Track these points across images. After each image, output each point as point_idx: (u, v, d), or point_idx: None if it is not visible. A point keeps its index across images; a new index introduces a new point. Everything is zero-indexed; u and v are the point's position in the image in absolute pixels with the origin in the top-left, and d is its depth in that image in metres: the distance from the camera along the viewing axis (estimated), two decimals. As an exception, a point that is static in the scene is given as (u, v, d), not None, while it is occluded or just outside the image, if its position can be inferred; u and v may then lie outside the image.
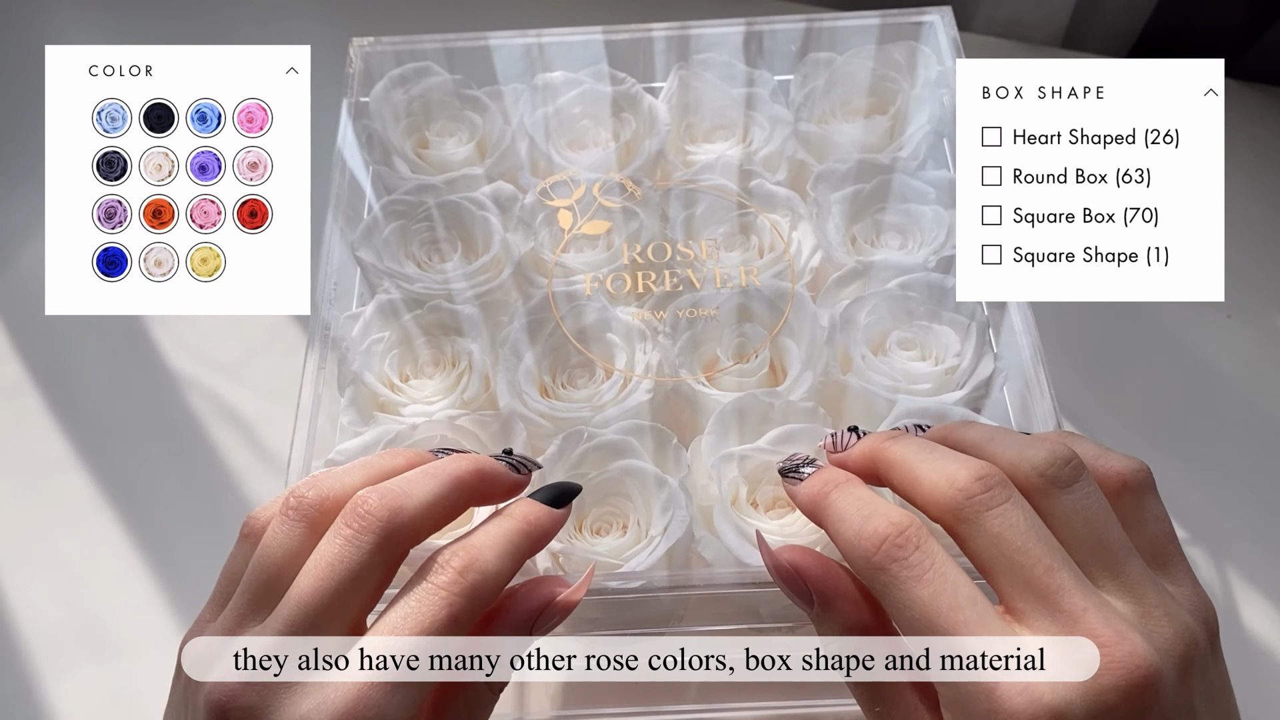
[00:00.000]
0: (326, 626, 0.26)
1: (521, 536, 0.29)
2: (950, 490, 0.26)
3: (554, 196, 0.47)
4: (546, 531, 0.30)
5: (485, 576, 0.27)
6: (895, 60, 0.51)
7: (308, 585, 0.26)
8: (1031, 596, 0.25)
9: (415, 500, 0.28)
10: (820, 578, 0.29)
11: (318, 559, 0.27)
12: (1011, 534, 0.25)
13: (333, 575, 0.26)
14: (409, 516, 0.27)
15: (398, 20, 0.75)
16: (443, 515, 0.29)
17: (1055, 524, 0.26)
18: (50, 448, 0.57)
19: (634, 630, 0.43)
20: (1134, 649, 0.23)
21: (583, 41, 0.52)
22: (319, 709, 0.25)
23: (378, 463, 0.31)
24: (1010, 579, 0.25)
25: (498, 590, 0.28)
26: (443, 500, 0.29)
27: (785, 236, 0.46)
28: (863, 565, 0.26)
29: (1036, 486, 0.27)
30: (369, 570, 0.27)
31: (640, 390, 0.42)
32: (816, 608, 0.29)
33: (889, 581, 0.26)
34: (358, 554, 0.26)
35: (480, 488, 0.30)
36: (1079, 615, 0.24)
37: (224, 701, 0.25)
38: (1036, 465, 0.27)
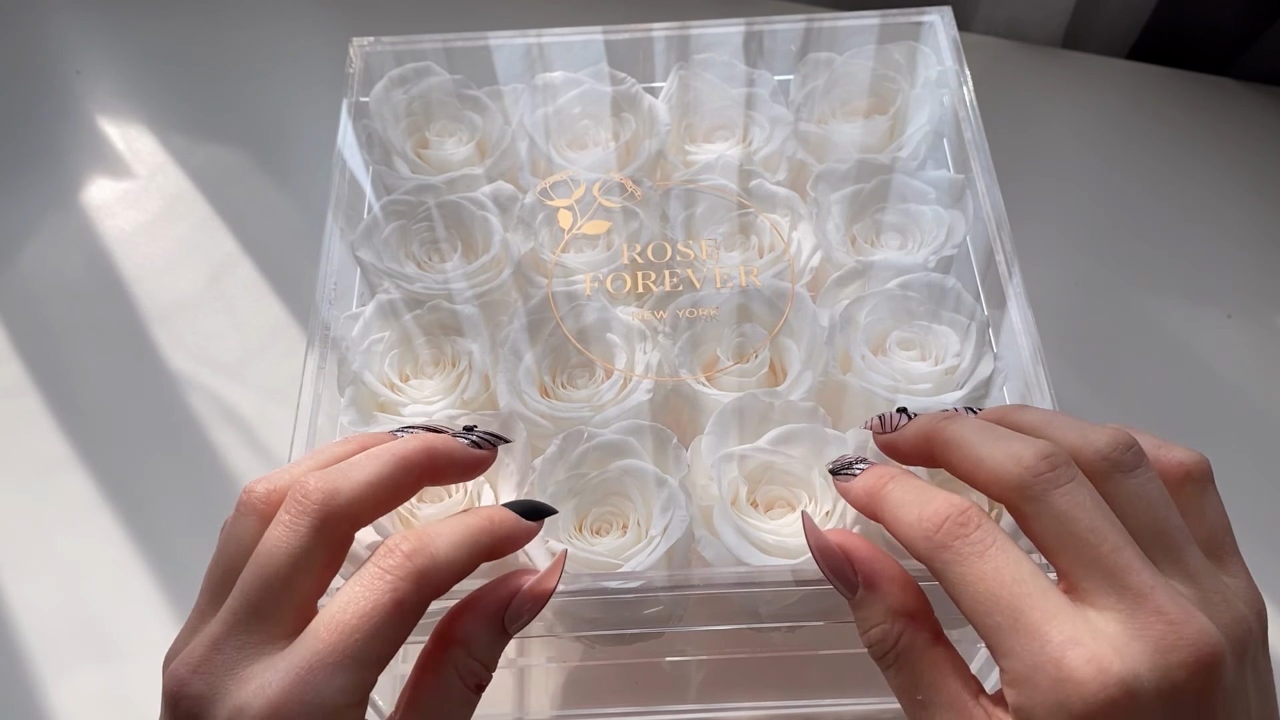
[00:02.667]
0: (271, 613, 0.26)
1: (481, 533, 0.29)
2: (1016, 469, 0.26)
3: (554, 196, 0.47)
4: (511, 535, 0.30)
5: (434, 563, 0.27)
6: (895, 60, 0.51)
7: (250, 574, 0.27)
8: (1098, 574, 0.25)
9: (353, 481, 0.28)
10: (868, 558, 0.29)
11: (260, 548, 0.27)
12: (1079, 512, 0.25)
13: (272, 561, 0.27)
14: (346, 498, 0.27)
15: (398, 20, 0.75)
16: (387, 496, 0.29)
17: (1117, 507, 0.26)
18: (50, 448, 0.57)
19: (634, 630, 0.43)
20: (1202, 628, 0.24)
21: (583, 41, 0.52)
22: (259, 692, 0.25)
23: (328, 450, 0.31)
24: (1076, 557, 0.25)
25: (449, 580, 0.28)
26: (385, 480, 0.28)
27: (785, 236, 0.46)
28: (924, 545, 0.27)
29: (1100, 469, 0.27)
30: (308, 554, 0.27)
31: (640, 390, 0.42)
32: (861, 591, 0.29)
33: (951, 559, 0.26)
34: (295, 538, 0.27)
35: (430, 465, 0.30)
36: (1147, 593, 0.24)
37: (175, 690, 0.26)
38: (1100, 449, 0.27)
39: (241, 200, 0.67)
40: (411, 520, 0.39)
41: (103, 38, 0.77)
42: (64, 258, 0.65)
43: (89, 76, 0.74)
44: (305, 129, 0.71)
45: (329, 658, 0.25)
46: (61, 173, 0.69)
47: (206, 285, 0.63)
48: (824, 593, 0.39)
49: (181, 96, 0.73)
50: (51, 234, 0.66)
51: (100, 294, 0.63)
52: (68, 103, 0.73)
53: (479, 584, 0.30)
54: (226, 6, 0.77)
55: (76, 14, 0.78)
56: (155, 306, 0.62)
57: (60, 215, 0.67)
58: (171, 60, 0.75)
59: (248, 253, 0.65)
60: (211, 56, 0.75)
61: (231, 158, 0.69)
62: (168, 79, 0.74)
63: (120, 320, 0.62)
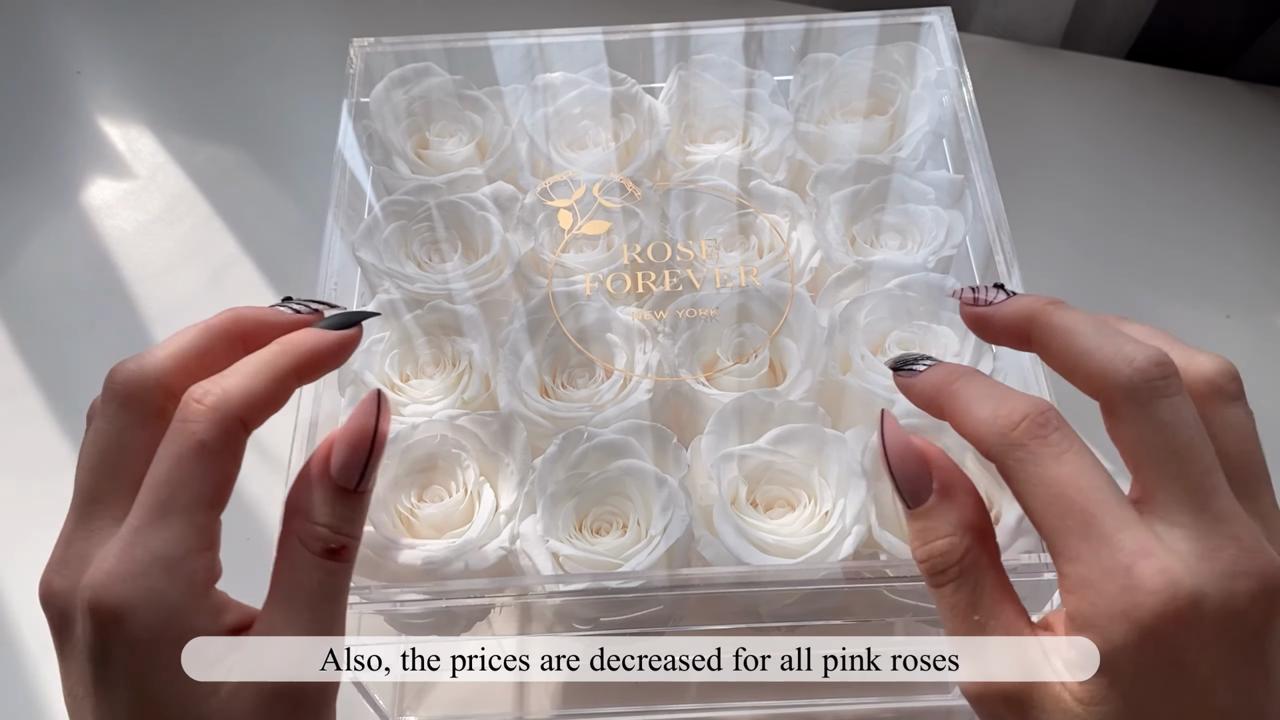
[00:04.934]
0: (104, 496, 0.28)
1: (277, 356, 0.29)
2: (1128, 369, 0.25)
3: (554, 197, 0.47)
4: (314, 350, 0.30)
5: (228, 396, 0.27)
6: (895, 61, 0.51)
7: (79, 467, 0.28)
8: (1182, 490, 0.25)
9: (158, 355, 0.29)
10: (946, 467, 0.28)
11: (83, 443, 0.29)
12: (1179, 425, 0.25)
13: (95, 448, 0.28)
14: (150, 371, 0.28)
15: (398, 20, 0.75)
16: (195, 364, 0.29)
17: (1213, 433, 0.26)
18: (50, 448, 0.57)
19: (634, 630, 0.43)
20: (1272, 559, 0.24)
21: (583, 42, 0.52)
22: (100, 565, 0.26)
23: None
24: (1167, 470, 0.25)
25: (249, 410, 0.28)
26: (188, 349, 0.29)
27: (785, 237, 0.47)
28: (999, 442, 0.26)
29: (1203, 392, 0.27)
30: (125, 432, 0.28)
31: (640, 390, 0.42)
32: (934, 499, 0.28)
33: (1026, 458, 0.25)
34: (108, 422, 0.28)
35: (237, 330, 0.30)
36: (1228, 518, 0.24)
37: (44, 594, 0.28)
38: (1205, 372, 0.27)
39: (242, 200, 0.67)
40: (411, 520, 0.39)
41: (103, 38, 0.77)
42: (64, 258, 0.65)
43: (89, 76, 0.74)
44: (306, 129, 0.71)
45: (151, 515, 0.26)
46: (62, 173, 0.69)
47: (207, 285, 0.63)
48: (824, 593, 0.39)
49: (182, 96, 0.73)
50: (51, 234, 0.66)
51: (100, 294, 0.63)
52: (68, 103, 0.73)
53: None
54: (227, 7, 0.77)
55: (76, 14, 0.78)
56: (155, 307, 0.62)
57: (60, 215, 0.67)
58: (172, 60, 0.75)
59: (248, 253, 0.65)
60: (212, 56, 0.75)
61: (232, 158, 0.69)
62: (168, 79, 0.74)
63: (120, 320, 0.62)
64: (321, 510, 0.28)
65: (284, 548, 0.28)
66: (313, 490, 0.28)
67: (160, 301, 0.63)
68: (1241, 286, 0.61)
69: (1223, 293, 0.60)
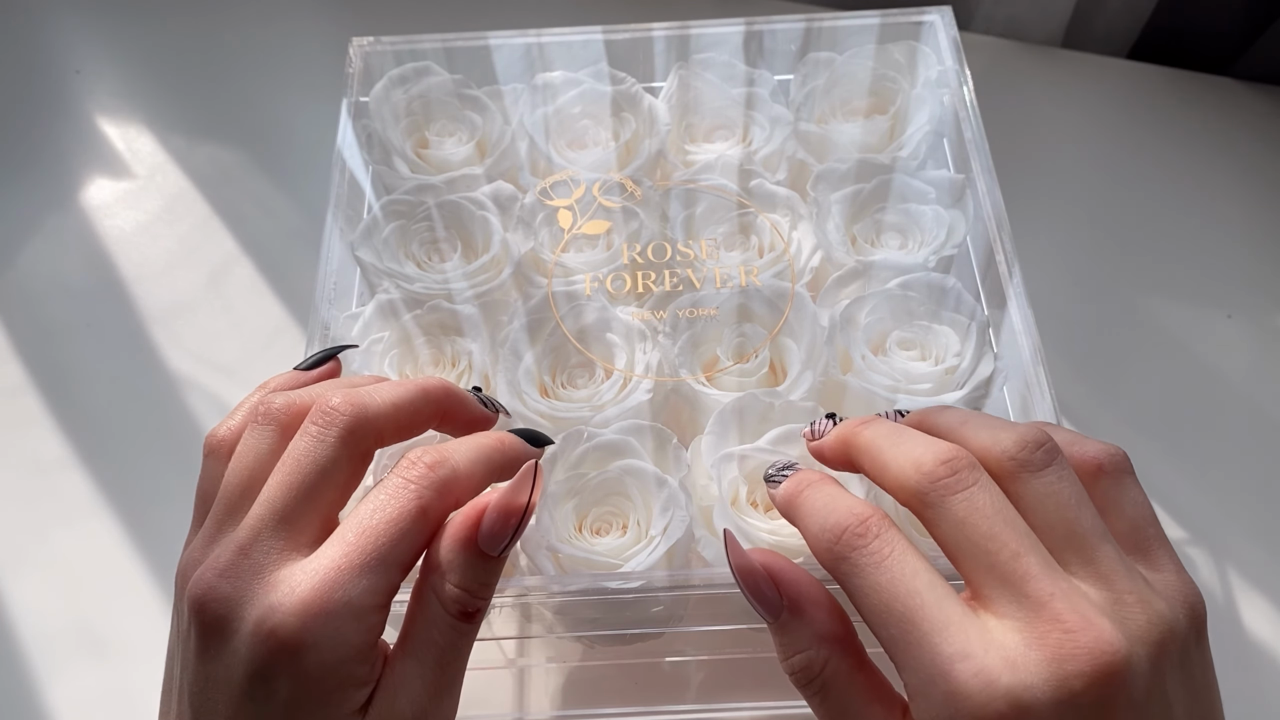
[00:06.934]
0: (298, 520, 0.27)
1: (495, 451, 0.30)
2: (915, 474, 0.26)
3: (554, 196, 0.47)
4: (519, 457, 0.31)
5: (456, 474, 0.28)
6: (895, 60, 0.51)
7: (277, 481, 0.27)
8: (996, 582, 0.24)
9: (379, 400, 0.29)
10: (793, 581, 0.28)
11: (286, 457, 0.28)
12: (976, 518, 0.25)
13: (299, 470, 0.27)
14: (373, 414, 0.29)
15: (398, 20, 0.75)
16: (407, 420, 0.30)
17: (1026, 509, 0.26)
18: (50, 448, 0.57)
19: (634, 630, 0.43)
20: (1100, 634, 0.23)
21: (583, 41, 0.52)
22: (290, 593, 0.25)
23: (344, 379, 0.33)
24: (976, 564, 0.25)
25: (468, 492, 0.28)
26: (406, 404, 0.30)
27: (785, 236, 0.46)
28: (826, 557, 0.26)
29: (1007, 470, 0.26)
30: (335, 465, 0.28)
31: (640, 390, 0.42)
32: (785, 615, 0.28)
33: (849, 570, 0.26)
34: (323, 449, 0.28)
35: (446, 403, 0.31)
36: (1045, 600, 0.24)
37: (201, 595, 0.26)
38: (1007, 449, 0.26)
39: (241, 200, 0.67)
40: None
41: (103, 38, 0.77)
42: (64, 258, 0.65)
43: (89, 76, 0.74)
44: (305, 129, 0.71)
45: (357, 559, 0.26)
46: (61, 173, 0.69)
47: (206, 285, 0.63)
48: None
49: (181, 96, 0.73)
50: (51, 234, 0.66)
51: (100, 294, 0.63)
52: (68, 103, 0.73)
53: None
54: (226, 7, 0.77)
55: (76, 14, 0.78)
56: (155, 306, 0.62)
57: (60, 215, 0.67)
58: (171, 60, 0.75)
59: (247, 253, 0.65)
60: (211, 56, 0.75)
61: (231, 158, 0.69)
62: (168, 79, 0.74)
63: (120, 320, 0.62)
64: (464, 574, 0.28)
65: (420, 601, 0.28)
66: (457, 552, 0.28)
67: (159, 301, 0.63)
68: (1242, 286, 0.61)
69: (1223, 293, 0.60)
